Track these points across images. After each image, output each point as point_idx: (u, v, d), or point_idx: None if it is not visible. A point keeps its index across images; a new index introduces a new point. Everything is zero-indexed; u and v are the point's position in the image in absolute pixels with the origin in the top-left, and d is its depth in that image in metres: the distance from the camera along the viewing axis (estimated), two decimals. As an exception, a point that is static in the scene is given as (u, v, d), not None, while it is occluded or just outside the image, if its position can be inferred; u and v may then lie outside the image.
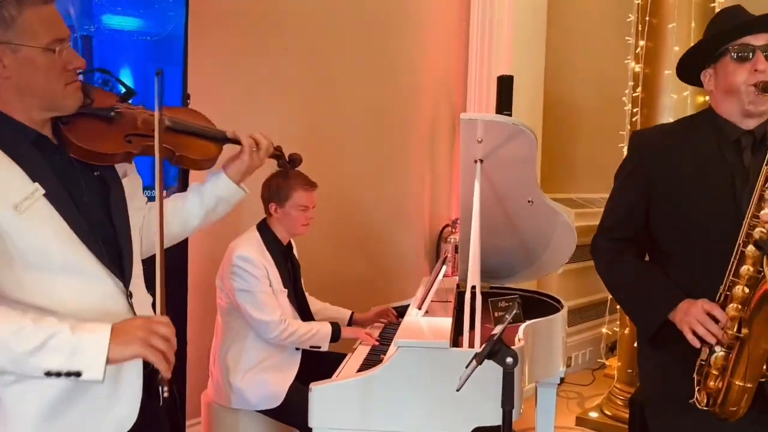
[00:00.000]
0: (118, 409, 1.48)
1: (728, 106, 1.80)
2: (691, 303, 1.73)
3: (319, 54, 3.73)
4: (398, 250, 4.36)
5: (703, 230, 1.79)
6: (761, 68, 1.71)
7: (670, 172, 1.84)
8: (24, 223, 1.35)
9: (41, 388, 1.38)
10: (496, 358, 1.63)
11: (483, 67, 4.45)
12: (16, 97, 1.39)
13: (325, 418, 2.09)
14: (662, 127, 2.07)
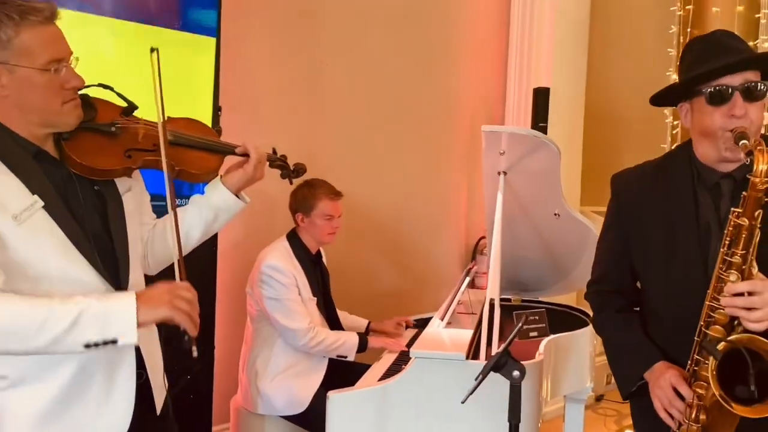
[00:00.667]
0: (109, 417, 1.50)
1: (704, 150, 1.64)
2: (661, 372, 1.65)
3: (357, 66, 3.78)
4: (434, 261, 4.36)
5: (675, 287, 1.68)
6: (738, 113, 1.53)
7: (643, 220, 1.73)
8: (23, 233, 1.37)
9: (35, 394, 1.42)
10: (503, 371, 1.62)
11: (522, 79, 4.43)
12: (16, 113, 1.41)
13: (341, 425, 2.12)
14: (641, 168, 1.86)
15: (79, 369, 1.45)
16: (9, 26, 1.35)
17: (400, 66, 4.02)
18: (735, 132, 1.51)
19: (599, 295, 1.87)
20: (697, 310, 1.57)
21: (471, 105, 4.50)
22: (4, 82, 1.38)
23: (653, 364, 1.67)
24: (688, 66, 1.64)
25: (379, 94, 3.91)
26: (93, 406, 1.47)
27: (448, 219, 4.46)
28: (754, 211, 1.46)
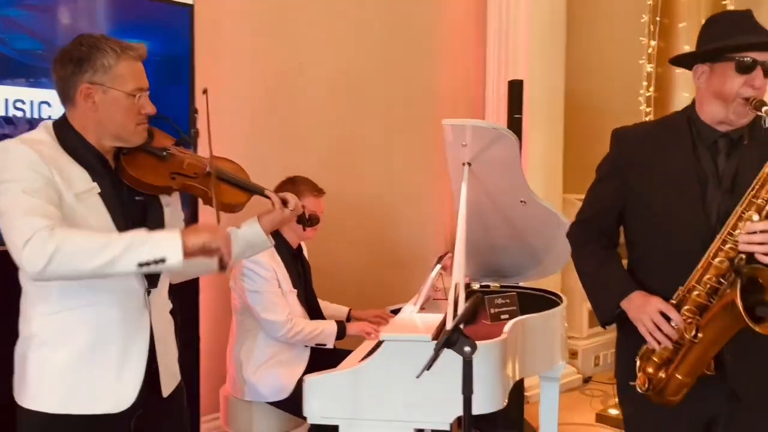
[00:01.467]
0: (120, 386, 1.72)
1: (713, 109, 1.83)
2: (645, 299, 1.82)
3: (335, 63, 3.89)
4: (417, 253, 4.47)
5: (670, 233, 1.86)
6: (758, 84, 1.76)
7: (644, 172, 1.90)
8: (79, 209, 1.65)
9: (57, 353, 1.67)
10: (455, 347, 1.74)
11: (500, 71, 4.54)
12: (94, 126, 1.71)
13: (317, 407, 2.24)
14: (642, 125, 2.10)
15: (97, 337, 1.69)
16: (112, 57, 1.68)
17: (380, 61, 4.13)
18: (753, 100, 1.74)
19: (585, 232, 2.05)
20: (695, 254, 1.76)
21: (451, 98, 4.60)
22: (96, 99, 1.68)
23: (630, 293, 1.85)
24: (720, 34, 1.81)
25: (359, 90, 4.03)
26: (106, 373, 1.70)
27: (431, 211, 4.57)
28: None
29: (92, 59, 1.67)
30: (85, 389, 1.69)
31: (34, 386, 1.68)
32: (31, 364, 1.69)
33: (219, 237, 1.61)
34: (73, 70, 1.68)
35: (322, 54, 3.83)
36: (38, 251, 1.50)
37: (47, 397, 1.67)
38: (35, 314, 1.69)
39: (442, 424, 2.19)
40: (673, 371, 1.79)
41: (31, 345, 1.69)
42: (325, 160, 3.78)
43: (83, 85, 1.67)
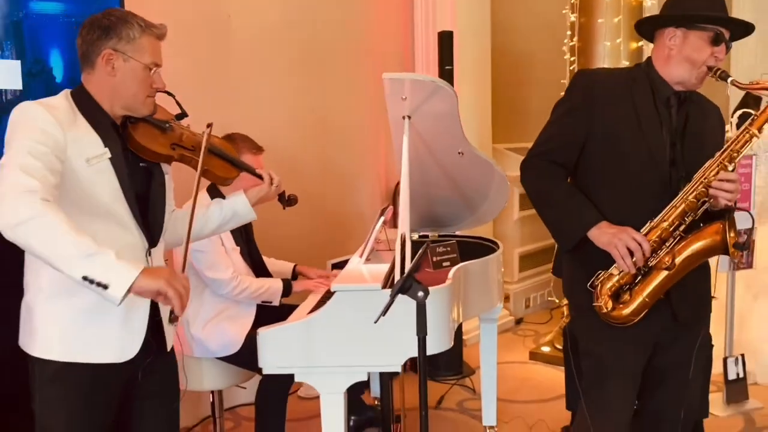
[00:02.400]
0: (124, 338, 1.85)
1: (676, 70, 2.05)
2: (618, 228, 2.02)
3: (264, 17, 3.85)
4: (356, 207, 4.55)
5: (635, 172, 2.06)
6: (721, 57, 2.01)
7: (611, 115, 2.07)
8: (89, 174, 1.75)
9: (65, 306, 1.77)
10: (408, 292, 1.84)
11: (428, 23, 4.58)
12: (109, 91, 1.83)
13: (272, 359, 2.30)
14: (606, 71, 2.34)
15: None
16: (137, 30, 1.82)
17: (308, 17, 4.11)
18: (718, 72, 2.00)
19: (547, 163, 2.17)
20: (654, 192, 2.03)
21: (381, 52, 4.63)
22: (116, 65, 1.81)
23: (599, 221, 2.04)
24: (705, 6, 2.02)
25: (288, 45, 4.00)
26: (112, 324, 1.82)
27: (367, 165, 4.64)
28: (760, 127, 1.99)
29: (119, 29, 1.80)
30: (93, 339, 1.80)
31: (43, 337, 1.78)
32: (41, 315, 1.79)
33: (175, 288, 1.61)
34: (100, 35, 1.80)
35: (251, 7, 3.78)
36: (16, 211, 1.52)
37: (57, 347, 1.78)
38: (41, 270, 1.76)
39: (394, 366, 2.30)
40: (638, 293, 2.03)
41: (39, 297, 1.79)
42: (257, 115, 3.76)
43: (106, 50, 1.80)
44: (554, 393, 3.86)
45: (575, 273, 2.22)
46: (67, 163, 1.72)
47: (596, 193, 2.13)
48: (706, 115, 2.18)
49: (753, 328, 3.94)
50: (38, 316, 1.79)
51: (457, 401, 3.80)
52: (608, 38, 4.07)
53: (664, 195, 2.05)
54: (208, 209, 2.18)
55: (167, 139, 1.96)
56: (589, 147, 2.11)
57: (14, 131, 1.68)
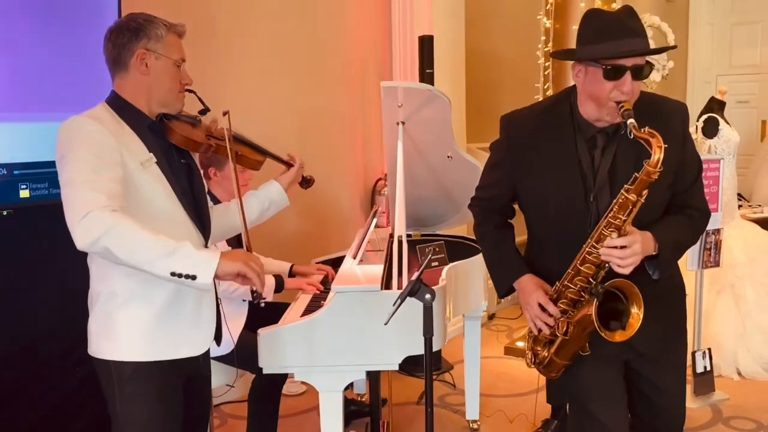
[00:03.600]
0: (197, 334, 1.98)
1: (588, 109, 1.91)
2: (530, 287, 2.03)
3: (247, 21, 3.89)
4: (335, 205, 4.62)
5: (558, 221, 2.00)
6: (626, 90, 1.81)
7: (532, 161, 2.00)
8: (145, 177, 1.82)
9: (141, 309, 1.85)
10: (417, 295, 1.93)
11: (406, 27, 4.66)
12: (145, 90, 1.89)
13: (273, 359, 2.37)
14: (528, 111, 2.11)
15: (175, 293, 1.88)
16: (163, 29, 1.90)
17: (291, 20, 4.16)
18: (622, 109, 1.80)
19: (482, 211, 2.21)
20: (576, 240, 1.93)
21: (360, 56, 4.70)
22: (149, 64, 1.88)
23: (521, 275, 2.07)
24: (592, 37, 1.84)
25: (270, 48, 4.04)
26: (186, 323, 1.93)
27: (347, 164, 4.70)
28: (642, 190, 1.81)
29: (147, 29, 1.88)
30: (171, 336, 1.90)
31: (124, 340, 1.85)
32: (118, 320, 1.85)
33: (252, 267, 1.75)
34: (130, 38, 1.86)
35: (233, 11, 3.81)
36: (91, 228, 1.62)
37: (140, 348, 1.86)
38: (114, 275, 1.83)
39: (392, 364, 2.38)
40: (552, 354, 2.06)
41: (114, 303, 1.85)
42: (236, 116, 3.78)
43: (139, 51, 1.86)
44: (531, 387, 3.98)
45: None
46: (125, 171, 1.77)
47: (535, 238, 2.14)
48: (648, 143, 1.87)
49: (715, 323, 4.14)
50: (118, 322, 1.86)
51: (438, 396, 3.90)
52: (582, 44, 4.19)
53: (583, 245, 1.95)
54: (246, 200, 2.26)
55: (201, 131, 2.04)
56: (519, 193, 2.10)
57: (70, 147, 1.73)
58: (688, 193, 2.01)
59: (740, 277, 4.17)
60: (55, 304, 2.64)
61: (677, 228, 1.96)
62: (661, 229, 1.91)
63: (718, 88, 6.20)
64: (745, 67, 7.67)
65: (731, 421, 3.53)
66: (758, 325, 4.11)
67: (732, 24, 7.80)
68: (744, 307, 4.14)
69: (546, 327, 2.01)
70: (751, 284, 4.18)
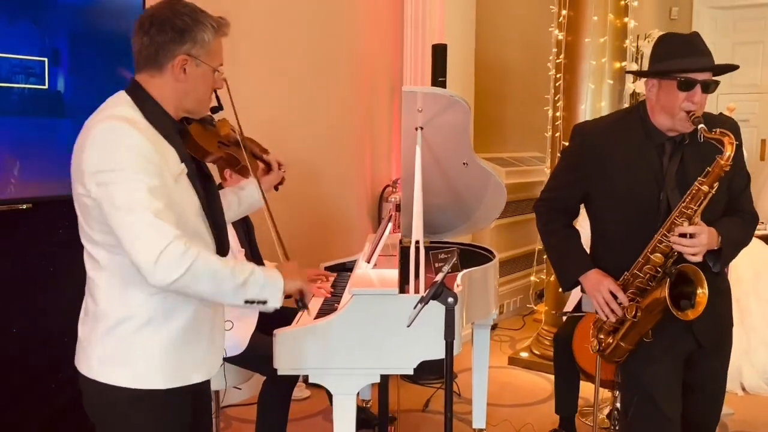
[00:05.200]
0: (213, 355, 1.85)
1: (660, 119, 2.15)
2: (600, 277, 2.21)
3: (259, 26, 3.90)
4: (343, 210, 4.62)
5: (628, 220, 2.19)
6: (697, 100, 2.06)
7: (606, 166, 2.21)
8: (177, 191, 1.67)
9: (160, 333, 1.69)
10: (440, 298, 1.93)
11: (418, 35, 4.69)
12: (176, 95, 1.72)
13: (288, 360, 2.35)
14: (600, 122, 2.43)
15: (194, 315, 1.75)
16: (210, 32, 1.71)
17: (302, 27, 4.17)
18: (692, 116, 2.04)
19: (550, 211, 2.39)
20: (644, 237, 2.12)
21: (371, 63, 4.72)
22: (188, 71, 1.70)
23: (588, 270, 2.24)
24: (667, 55, 2.11)
25: (285, 54, 4.05)
26: (203, 346, 1.80)
27: (354, 170, 4.71)
28: (714, 182, 2.03)
29: (194, 32, 1.68)
30: (189, 362, 1.75)
31: (140, 366, 1.68)
32: (135, 345, 1.68)
33: (308, 284, 1.82)
34: (173, 38, 1.67)
35: (243, 18, 3.82)
36: (174, 264, 1.54)
37: (159, 375, 1.69)
38: (134, 296, 1.66)
39: (407, 368, 2.38)
40: (618, 339, 2.22)
41: (129, 327, 1.67)
42: (249, 122, 3.79)
43: (181, 56, 1.68)
44: (536, 397, 3.99)
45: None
46: (164, 186, 1.62)
47: (597, 237, 2.33)
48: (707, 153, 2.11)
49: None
50: (134, 346, 1.68)
51: (443, 404, 3.88)
52: (594, 57, 4.23)
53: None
54: (226, 199, 2.08)
55: (214, 136, 1.92)
56: (588, 200, 2.31)
57: (116, 161, 1.56)
58: (740, 198, 2.23)
59: (745, 293, 4.18)
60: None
61: (735, 226, 2.17)
62: (722, 226, 2.11)
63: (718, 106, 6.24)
64: (746, 86, 7.71)
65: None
66: (763, 341, 4.13)
67: (734, 43, 7.86)
68: (749, 322, 4.15)
69: (613, 314, 2.17)
70: (756, 299, 4.20)
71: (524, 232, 5.69)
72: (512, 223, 5.61)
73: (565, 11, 4.30)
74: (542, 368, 4.42)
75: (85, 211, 1.64)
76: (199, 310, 1.76)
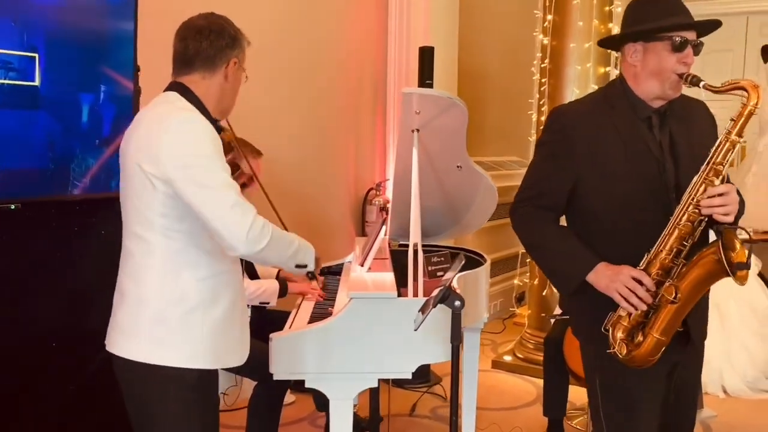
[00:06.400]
0: (245, 340, 2.03)
1: (648, 86, 1.95)
2: (614, 268, 1.89)
3: (243, 28, 3.83)
4: (326, 213, 4.58)
5: (628, 201, 1.94)
6: (689, 61, 1.91)
7: (596, 149, 1.96)
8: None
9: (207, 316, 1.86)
10: (447, 302, 1.91)
11: (402, 38, 4.68)
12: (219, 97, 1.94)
13: (285, 364, 2.31)
14: (580, 104, 2.14)
15: (235, 298, 1.94)
16: (245, 42, 2.01)
17: (285, 26, 4.12)
18: (686, 77, 1.89)
19: (536, 209, 2.07)
20: (652, 218, 1.90)
21: (356, 64, 4.69)
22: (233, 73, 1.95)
23: (597, 263, 1.92)
24: (649, 16, 1.94)
25: (266, 54, 3.99)
26: (237, 332, 1.97)
27: (338, 173, 4.68)
28: (741, 131, 1.85)
29: (240, 39, 1.97)
30: (229, 344, 1.94)
31: (188, 346, 1.83)
32: (187, 325, 1.84)
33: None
34: (229, 44, 1.92)
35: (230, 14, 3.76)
36: (260, 236, 1.78)
37: (203, 355, 1.85)
38: (188, 278, 1.83)
39: (406, 372, 2.35)
40: (650, 332, 1.87)
41: (181, 308, 1.83)
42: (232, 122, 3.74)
43: (233, 59, 1.94)
44: (522, 401, 4.00)
45: (579, 306, 2.12)
46: None
47: (593, 231, 2.01)
48: (690, 122, 2.04)
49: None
50: (187, 327, 1.84)
51: (430, 408, 3.88)
52: (578, 62, 4.25)
53: (666, 222, 1.90)
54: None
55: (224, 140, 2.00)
56: (579, 189, 2.01)
57: (204, 149, 1.78)
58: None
59: (725, 297, 4.24)
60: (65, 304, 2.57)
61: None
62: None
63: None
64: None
65: (722, 437, 3.58)
66: (743, 344, 4.19)
67: (704, 52, 8.01)
68: (729, 326, 4.21)
69: (643, 303, 1.86)
70: (736, 303, 4.26)
71: (505, 236, 5.70)
72: (493, 227, 5.60)
73: (550, 16, 4.32)
74: (526, 371, 4.43)
75: (148, 193, 1.78)
76: (236, 298, 1.94)
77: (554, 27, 4.32)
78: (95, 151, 2.62)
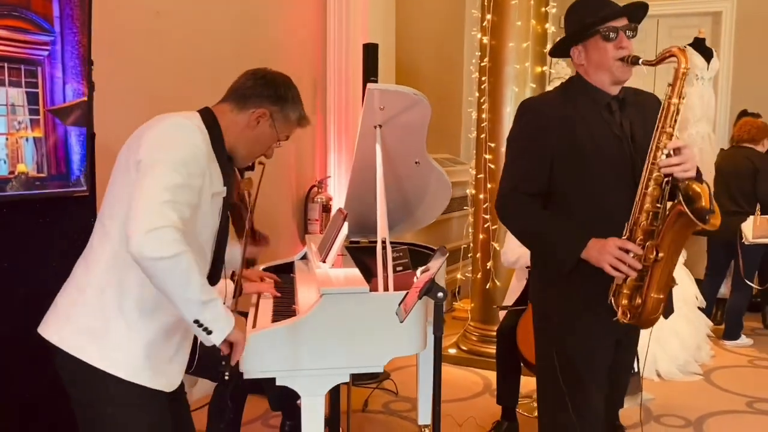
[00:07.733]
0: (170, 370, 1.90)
1: (599, 77, 2.17)
2: (601, 242, 2.05)
3: (185, 18, 3.76)
4: (268, 213, 4.51)
5: (603, 183, 2.13)
6: (625, 45, 2.12)
7: (567, 137, 2.14)
8: (209, 209, 1.83)
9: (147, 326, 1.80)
10: (430, 294, 1.94)
11: (341, 34, 4.67)
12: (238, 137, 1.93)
13: (255, 363, 2.28)
14: (544, 97, 2.42)
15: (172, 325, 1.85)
16: (295, 115, 2.00)
17: (222, 20, 4.05)
18: (626, 58, 2.11)
19: (523, 197, 2.20)
20: (627, 201, 2.06)
21: (293, 61, 4.64)
22: (260, 124, 1.94)
23: (588, 240, 2.08)
24: (581, 18, 2.17)
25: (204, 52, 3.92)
26: (172, 352, 1.89)
27: (278, 171, 4.62)
28: (680, 94, 2.03)
29: (287, 106, 1.96)
30: (156, 366, 1.83)
31: (122, 355, 1.77)
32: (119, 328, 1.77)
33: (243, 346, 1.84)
34: (269, 96, 1.93)
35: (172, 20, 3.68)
36: (165, 244, 1.60)
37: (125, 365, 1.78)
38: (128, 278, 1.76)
39: (378, 366, 2.36)
40: (647, 293, 2.05)
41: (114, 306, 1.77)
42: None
43: (264, 110, 1.92)
44: (471, 392, 4.08)
45: (541, 277, 2.33)
46: (200, 197, 1.77)
47: (572, 211, 2.18)
48: (645, 111, 2.21)
49: (633, 327, 4.40)
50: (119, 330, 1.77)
51: (382, 403, 3.90)
52: (517, 62, 4.37)
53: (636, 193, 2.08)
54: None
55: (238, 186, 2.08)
56: (558, 173, 2.17)
57: (168, 149, 1.73)
58: None
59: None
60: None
61: None
62: None
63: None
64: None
65: (662, 418, 3.76)
66: (673, 330, 4.42)
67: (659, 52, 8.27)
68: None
69: (631, 269, 2.02)
70: (666, 291, 4.48)
71: (442, 232, 5.80)
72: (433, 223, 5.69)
73: (489, 16, 4.42)
74: (471, 363, 4.52)
75: (126, 180, 1.75)
76: (179, 323, 1.84)
77: (493, 27, 4.42)
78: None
